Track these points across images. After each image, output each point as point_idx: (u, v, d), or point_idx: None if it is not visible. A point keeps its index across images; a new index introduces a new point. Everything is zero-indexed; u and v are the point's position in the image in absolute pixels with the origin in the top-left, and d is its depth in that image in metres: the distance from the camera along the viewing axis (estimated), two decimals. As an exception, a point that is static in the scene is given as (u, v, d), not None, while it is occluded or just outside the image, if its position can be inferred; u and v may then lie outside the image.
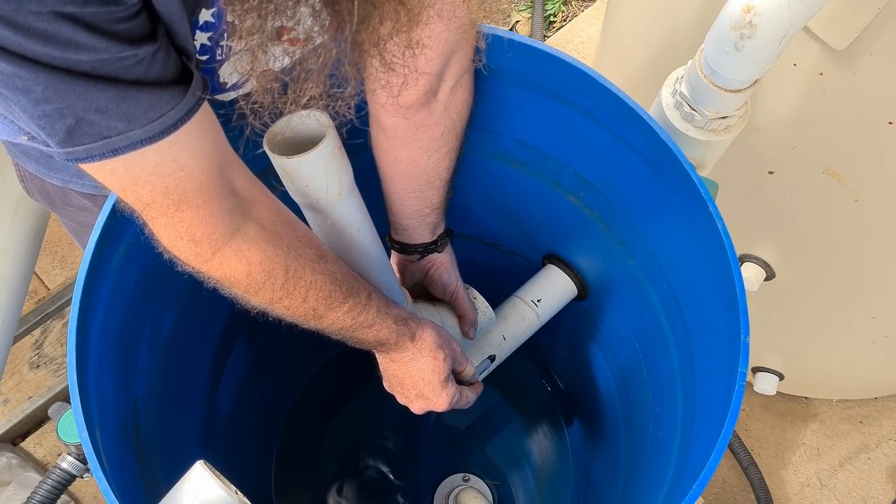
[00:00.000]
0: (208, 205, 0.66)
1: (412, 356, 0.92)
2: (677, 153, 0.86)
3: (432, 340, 0.92)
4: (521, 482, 1.50)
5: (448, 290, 1.06)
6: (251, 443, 1.41)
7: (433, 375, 0.94)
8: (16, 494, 1.55)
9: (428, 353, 0.92)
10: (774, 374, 1.66)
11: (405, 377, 0.95)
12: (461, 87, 0.87)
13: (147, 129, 0.59)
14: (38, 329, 1.77)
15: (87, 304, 0.81)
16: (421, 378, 0.94)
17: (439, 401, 0.96)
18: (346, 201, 0.80)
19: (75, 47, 0.53)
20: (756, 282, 1.35)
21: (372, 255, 0.89)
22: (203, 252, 0.70)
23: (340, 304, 0.81)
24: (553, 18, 2.39)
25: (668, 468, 0.96)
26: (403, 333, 0.90)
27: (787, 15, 0.78)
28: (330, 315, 0.81)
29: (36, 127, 0.58)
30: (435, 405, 0.97)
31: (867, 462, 1.76)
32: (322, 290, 0.78)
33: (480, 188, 1.16)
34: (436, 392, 0.95)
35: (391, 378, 0.97)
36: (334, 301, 0.80)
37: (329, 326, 0.83)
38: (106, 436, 0.81)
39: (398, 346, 0.91)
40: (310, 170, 0.74)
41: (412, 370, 0.94)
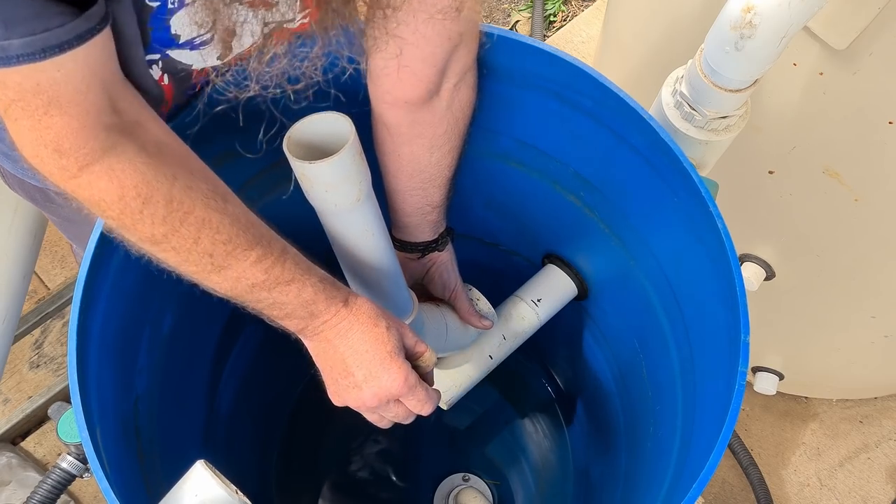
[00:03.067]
0: (82, 115, 0.60)
1: (349, 325, 0.77)
2: (677, 153, 0.86)
3: (369, 307, 0.78)
4: (521, 482, 1.50)
5: (448, 289, 1.06)
6: (251, 443, 1.41)
7: (378, 345, 0.77)
8: (16, 494, 1.55)
9: (367, 319, 0.77)
10: (774, 373, 1.66)
11: (346, 355, 0.78)
12: (464, 85, 0.86)
13: (27, 42, 0.53)
14: (38, 329, 1.77)
15: (88, 304, 0.81)
16: (364, 351, 0.77)
17: (393, 379, 0.78)
18: (364, 206, 0.79)
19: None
20: (756, 282, 1.35)
21: (384, 261, 0.87)
22: (69, 166, 0.62)
23: (245, 251, 0.69)
24: (553, 18, 2.39)
25: (668, 468, 0.96)
26: (334, 296, 0.76)
27: (787, 15, 0.78)
28: (234, 266, 0.69)
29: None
30: (390, 387, 0.78)
31: (867, 462, 1.76)
32: (219, 233, 0.68)
33: (481, 188, 1.16)
34: (385, 365, 0.78)
35: (330, 366, 0.80)
36: (236, 247, 0.69)
37: (237, 284, 0.71)
38: (106, 435, 0.81)
39: (329, 312, 0.76)
40: (330, 175, 0.73)
41: (352, 343, 0.77)
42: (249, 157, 1.00)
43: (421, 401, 0.81)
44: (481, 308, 1.10)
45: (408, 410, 0.82)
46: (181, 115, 0.85)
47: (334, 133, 0.74)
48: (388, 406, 0.81)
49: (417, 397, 0.80)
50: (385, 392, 0.79)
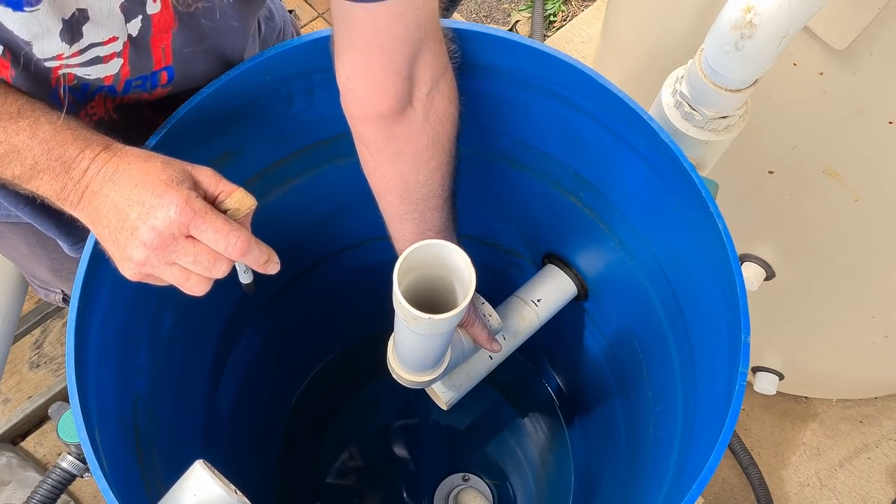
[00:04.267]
0: None
1: (115, 167, 0.66)
2: (677, 153, 0.86)
3: (136, 149, 0.68)
4: (521, 482, 1.50)
5: (462, 321, 1.03)
6: (251, 443, 1.41)
7: (149, 176, 0.65)
8: (16, 494, 1.55)
9: (136, 157, 0.67)
10: (774, 373, 1.66)
11: (117, 200, 0.65)
12: (438, 95, 0.82)
13: None
14: (38, 329, 1.77)
15: (86, 304, 0.81)
16: (134, 186, 0.65)
17: (170, 203, 0.64)
18: (450, 333, 0.84)
19: None
20: (756, 282, 1.35)
21: (442, 350, 0.94)
22: None
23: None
24: (553, 18, 2.39)
25: (668, 468, 0.96)
26: (88, 138, 0.66)
27: (787, 15, 0.78)
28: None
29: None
30: (168, 214, 0.64)
31: (867, 462, 1.76)
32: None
33: (481, 188, 1.16)
34: (159, 193, 0.64)
35: (107, 225, 0.67)
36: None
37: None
38: (105, 436, 0.81)
39: (85, 157, 0.66)
40: (439, 325, 0.75)
41: (121, 183, 0.65)
42: (249, 157, 1.00)
43: (220, 231, 0.66)
44: (492, 324, 1.09)
45: (209, 250, 0.67)
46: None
47: (443, 264, 0.76)
48: (182, 247, 0.66)
49: (213, 226, 0.66)
50: (165, 223, 0.64)
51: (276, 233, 1.13)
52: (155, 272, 0.68)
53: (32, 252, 1.09)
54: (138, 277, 0.69)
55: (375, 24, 0.72)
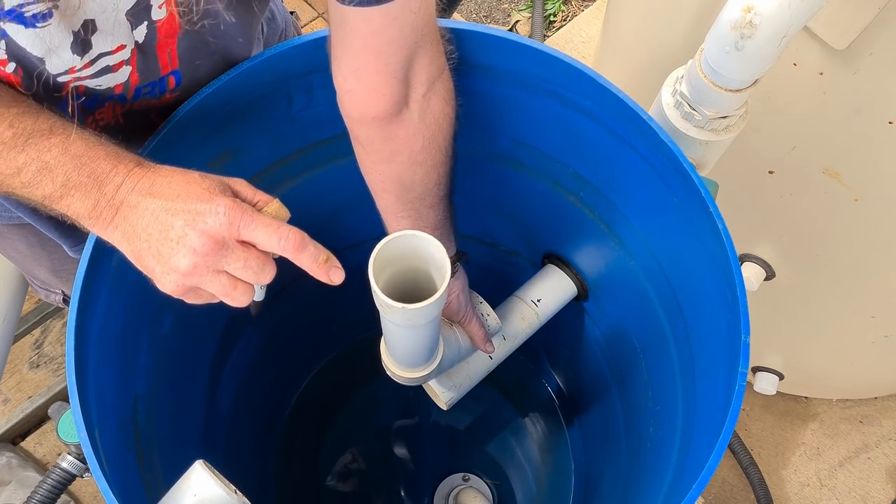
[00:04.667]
0: None
1: (151, 181, 0.65)
2: (677, 153, 0.86)
3: (169, 166, 0.67)
4: (521, 482, 1.50)
5: (459, 314, 1.03)
6: (251, 443, 1.41)
7: (191, 186, 0.65)
8: (16, 494, 1.55)
9: (170, 171, 0.66)
10: (774, 373, 1.66)
11: (158, 212, 0.64)
12: (435, 95, 0.82)
13: None
14: (38, 329, 1.77)
15: (86, 304, 0.81)
16: (177, 196, 0.64)
17: (219, 206, 0.63)
18: (433, 323, 0.82)
19: None
20: (756, 282, 1.35)
21: (430, 342, 0.93)
22: None
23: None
24: (553, 18, 2.39)
25: (668, 468, 0.96)
26: (120, 155, 0.65)
27: (787, 15, 0.78)
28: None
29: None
30: (219, 217, 0.63)
31: (867, 462, 1.76)
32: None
33: (480, 188, 1.16)
34: (205, 199, 0.64)
35: (146, 240, 0.65)
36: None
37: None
38: (105, 436, 0.81)
39: (119, 172, 0.64)
40: (415, 315, 0.74)
41: (161, 195, 0.64)
42: (249, 157, 1.00)
43: (271, 226, 0.64)
44: (490, 324, 1.09)
45: (259, 254, 0.66)
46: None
47: (420, 255, 0.74)
48: (232, 251, 0.64)
49: (263, 223, 0.64)
50: (216, 225, 0.63)
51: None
52: (201, 283, 0.66)
53: (33, 253, 1.09)
54: (180, 291, 0.67)
55: (371, 28, 0.72)
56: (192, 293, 0.68)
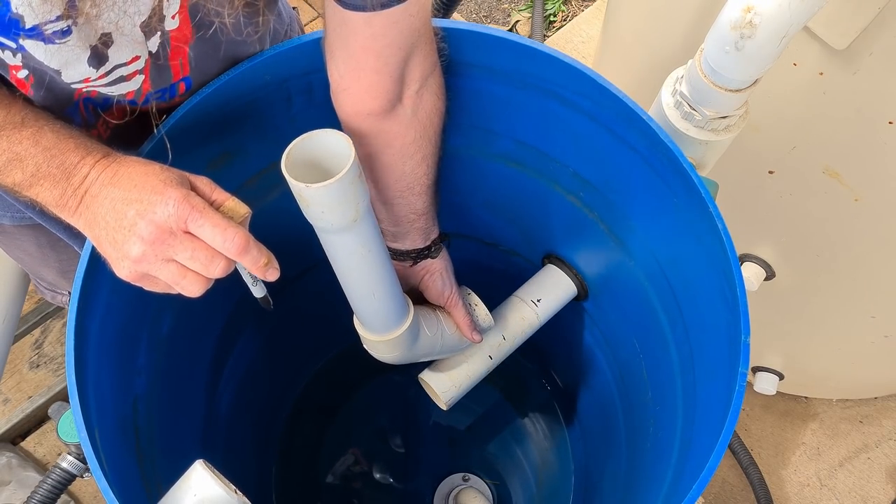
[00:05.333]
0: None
1: (114, 171, 0.66)
2: (677, 153, 0.86)
3: (134, 157, 0.69)
4: (521, 482, 1.50)
5: (443, 297, 1.04)
6: (251, 443, 1.41)
7: (149, 177, 0.66)
8: (16, 494, 1.55)
9: (135, 162, 0.68)
10: (774, 373, 1.66)
11: (116, 200, 0.66)
12: (427, 91, 0.84)
13: None
14: (38, 329, 1.77)
15: (86, 304, 0.81)
16: (133, 186, 0.66)
17: (169, 199, 0.65)
18: (361, 225, 0.77)
19: None
20: (756, 282, 1.35)
21: (381, 275, 0.87)
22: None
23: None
24: (553, 18, 2.39)
25: (668, 468, 0.96)
26: (89, 147, 0.67)
27: (787, 15, 0.78)
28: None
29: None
30: (167, 209, 0.65)
31: (867, 462, 1.76)
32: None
33: (480, 188, 1.16)
34: (158, 191, 0.65)
35: (104, 227, 0.67)
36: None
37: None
38: (105, 436, 0.81)
39: (86, 163, 0.67)
40: (328, 197, 0.71)
41: (120, 185, 0.66)
42: (248, 157, 1.00)
43: (218, 226, 0.65)
44: (478, 315, 1.09)
45: (207, 247, 0.66)
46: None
47: (334, 152, 0.73)
48: (179, 241, 0.66)
49: (211, 221, 0.65)
50: (163, 216, 0.64)
51: (276, 233, 1.13)
52: (151, 270, 0.67)
53: (42, 254, 1.09)
54: (134, 277, 0.69)
55: (372, 31, 0.74)
56: (146, 280, 0.70)
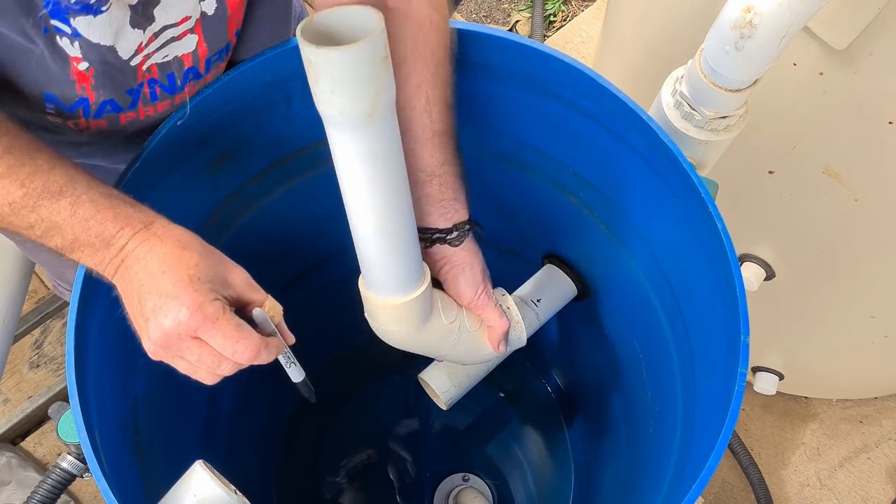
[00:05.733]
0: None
1: (150, 247, 0.66)
2: (677, 153, 0.86)
3: (182, 233, 0.68)
4: (521, 482, 1.50)
5: (465, 298, 0.87)
6: (252, 443, 1.41)
7: (177, 267, 0.65)
8: (16, 494, 1.55)
9: (173, 242, 0.66)
10: (774, 373, 1.66)
11: (143, 282, 0.65)
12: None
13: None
14: (38, 329, 1.77)
15: (86, 304, 0.81)
16: (160, 274, 0.65)
17: (182, 305, 0.63)
18: (377, 125, 0.65)
19: None
20: (756, 282, 1.35)
21: (393, 204, 0.72)
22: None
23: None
24: (553, 18, 2.39)
25: (668, 468, 0.96)
26: (129, 216, 0.66)
27: (787, 15, 0.78)
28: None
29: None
30: (178, 316, 0.64)
31: (867, 462, 1.76)
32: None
33: (480, 188, 1.15)
34: (178, 290, 0.64)
35: (129, 303, 0.68)
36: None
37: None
38: (105, 436, 0.81)
39: (124, 234, 0.66)
40: (340, 69, 0.60)
41: (149, 266, 0.65)
42: (248, 157, 1.00)
43: (228, 338, 0.64)
44: (512, 317, 0.93)
45: (213, 352, 0.66)
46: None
47: (362, 28, 0.62)
48: (186, 346, 0.66)
49: (222, 332, 0.64)
50: (172, 324, 0.64)
51: (276, 235, 1.13)
52: (164, 359, 0.69)
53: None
54: (155, 358, 0.70)
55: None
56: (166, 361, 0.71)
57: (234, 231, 1.04)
